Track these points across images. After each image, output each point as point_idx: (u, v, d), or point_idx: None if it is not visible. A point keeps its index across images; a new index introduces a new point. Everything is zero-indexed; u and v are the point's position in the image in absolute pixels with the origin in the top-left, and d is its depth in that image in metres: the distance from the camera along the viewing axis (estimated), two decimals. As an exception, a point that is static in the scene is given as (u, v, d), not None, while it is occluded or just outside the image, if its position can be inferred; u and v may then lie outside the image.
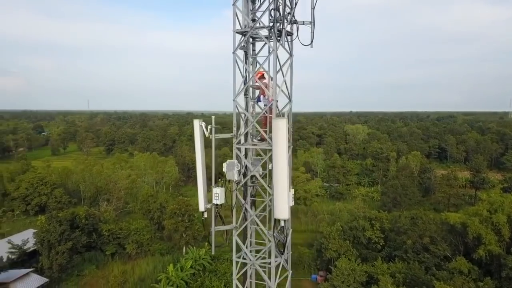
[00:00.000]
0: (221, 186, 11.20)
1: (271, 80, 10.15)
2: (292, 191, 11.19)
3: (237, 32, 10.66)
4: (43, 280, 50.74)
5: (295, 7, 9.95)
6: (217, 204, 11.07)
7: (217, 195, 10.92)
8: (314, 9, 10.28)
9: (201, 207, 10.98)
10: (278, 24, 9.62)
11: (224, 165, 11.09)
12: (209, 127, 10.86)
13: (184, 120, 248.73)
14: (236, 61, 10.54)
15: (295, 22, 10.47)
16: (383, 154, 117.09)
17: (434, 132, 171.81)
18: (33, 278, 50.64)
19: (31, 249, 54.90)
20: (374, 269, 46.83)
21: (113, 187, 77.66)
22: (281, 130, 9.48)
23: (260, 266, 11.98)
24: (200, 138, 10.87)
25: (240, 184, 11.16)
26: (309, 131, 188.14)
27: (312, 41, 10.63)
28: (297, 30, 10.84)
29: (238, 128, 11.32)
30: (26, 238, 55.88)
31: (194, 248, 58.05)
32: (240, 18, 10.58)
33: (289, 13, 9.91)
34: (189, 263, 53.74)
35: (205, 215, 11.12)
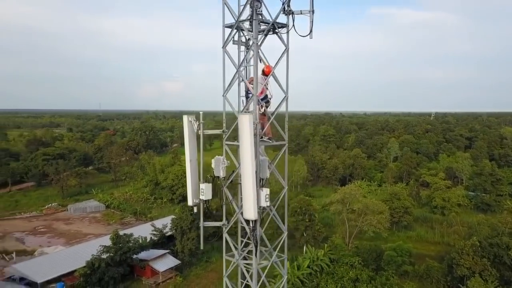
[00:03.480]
0: (208, 182, 11.13)
1: (267, 75, 9.69)
2: (266, 191, 10.55)
3: (226, 27, 10.44)
4: (176, 261, 56.85)
5: (290, -2, 9.27)
6: (205, 200, 11.05)
7: (203, 190, 10.88)
8: (313, -4, 9.45)
9: (190, 202, 11.09)
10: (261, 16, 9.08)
11: (213, 161, 11.01)
12: (196, 122, 10.86)
13: (320, 120, 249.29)
14: (229, 57, 10.31)
15: (291, 12, 9.76)
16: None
17: None
18: (169, 259, 57.09)
19: (169, 233, 61.97)
20: (516, 295, 40.18)
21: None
22: (245, 126, 9.06)
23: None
24: (189, 134, 10.96)
25: (229, 181, 10.94)
26: (457, 134, 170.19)
27: (311, 31, 9.76)
28: (293, 20, 10.06)
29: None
30: (166, 223, 63.26)
31: (313, 248, 58.01)
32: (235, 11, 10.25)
33: (284, 3, 9.30)
34: (306, 263, 53.92)
35: (195, 209, 11.19)
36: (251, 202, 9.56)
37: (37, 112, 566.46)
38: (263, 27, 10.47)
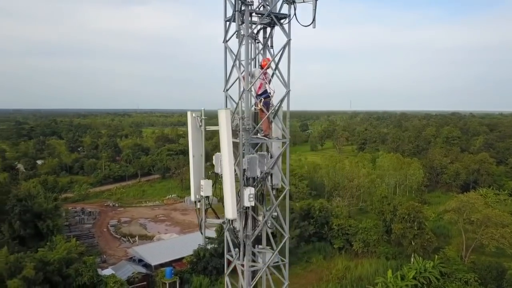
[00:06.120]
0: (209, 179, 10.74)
1: (265, 68, 8.91)
2: (250, 189, 9.69)
3: (227, 20, 9.90)
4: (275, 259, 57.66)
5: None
6: (207, 196, 10.74)
7: (202, 187, 10.54)
8: (316, -18, 8.45)
9: (192, 197, 10.90)
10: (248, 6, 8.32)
11: (213, 157, 10.62)
12: (198, 118, 10.55)
13: (444, 121, 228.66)
14: (229, 52, 9.74)
15: (293, 1, 8.86)
16: None
17: None
18: (269, 255, 58.17)
19: (270, 230, 63.17)
20: None
21: (348, 184, 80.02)
22: (222, 122, 8.58)
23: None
24: (192, 130, 10.74)
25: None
26: None
27: (314, 20, 8.75)
28: (295, 9, 9.32)
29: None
30: (270, 219, 64.73)
31: (421, 258, 53.67)
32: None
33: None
34: (411, 273, 50.15)
35: (198, 205, 10.95)
36: (229, 200, 9.39)
37: (168, 111, 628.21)
38: (264, 19, 9.92)
